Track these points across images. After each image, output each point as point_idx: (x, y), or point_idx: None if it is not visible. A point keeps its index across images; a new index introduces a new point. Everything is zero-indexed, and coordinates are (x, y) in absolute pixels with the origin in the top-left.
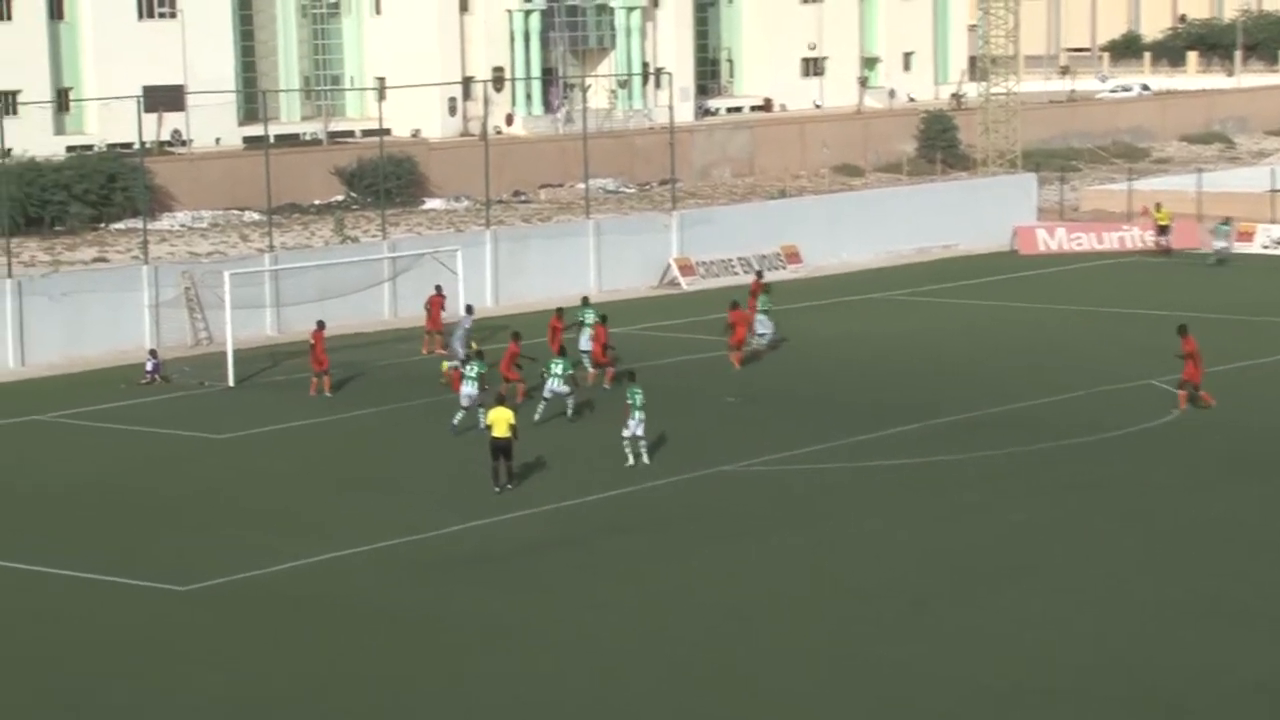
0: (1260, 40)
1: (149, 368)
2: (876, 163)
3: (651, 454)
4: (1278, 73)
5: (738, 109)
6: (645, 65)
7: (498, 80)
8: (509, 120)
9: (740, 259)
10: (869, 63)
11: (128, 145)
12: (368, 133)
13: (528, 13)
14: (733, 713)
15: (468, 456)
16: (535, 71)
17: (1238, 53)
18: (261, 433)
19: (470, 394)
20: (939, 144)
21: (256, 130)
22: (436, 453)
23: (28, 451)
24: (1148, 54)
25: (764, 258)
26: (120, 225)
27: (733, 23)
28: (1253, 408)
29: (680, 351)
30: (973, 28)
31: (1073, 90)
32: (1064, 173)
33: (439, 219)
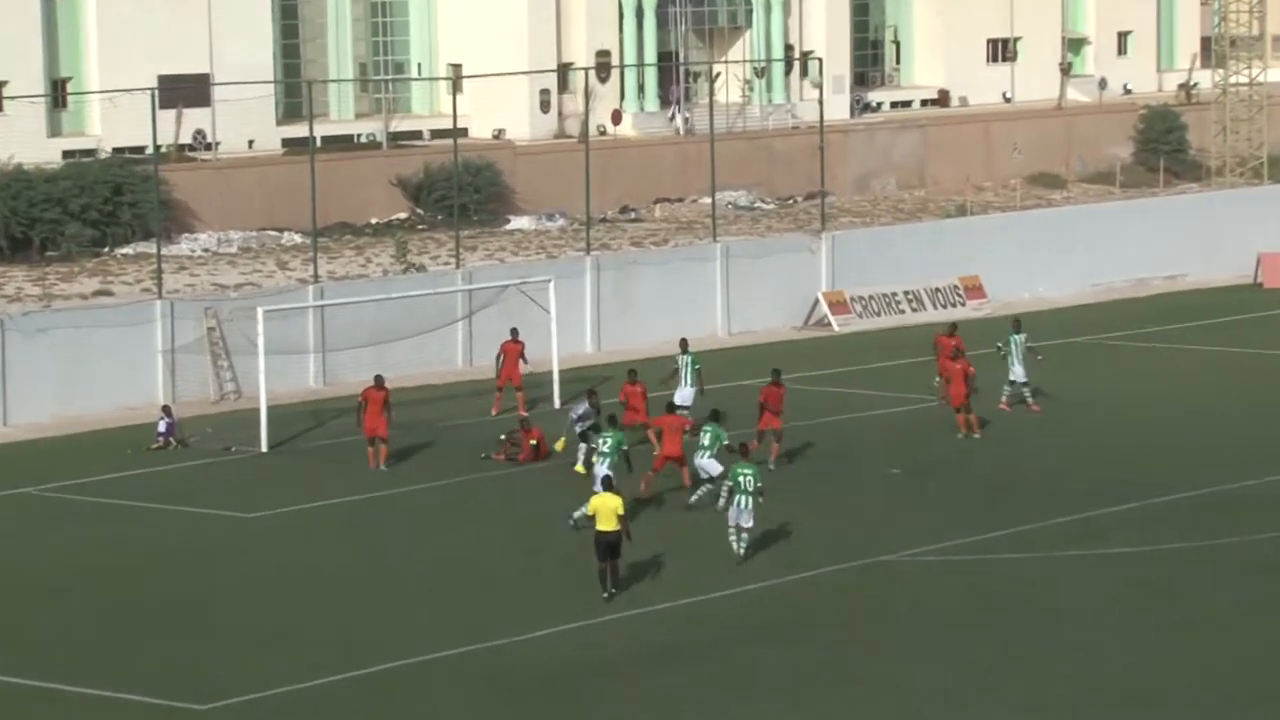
0: None
1: (161, 429)
2: (1082, 171)
3: (793, 538)
4: None
5: (905, 104)
6: (788, 49)
7: (602, 68)
8: (616, 118)
9: (908, 293)
10: (1074, 45)
11: (139, 150)
12: (438, 134)
13: None
14: None
15: (569, 551)
16: (649, 58)
17: None
18: (301, 511)
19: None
20: (1162, 148)
21: (299, 131)
22: (518, 539)
23: (11, 533)
24: None
25: (937, 291)
26: (128, 250)
27: None
28: None
29: (831, 409)
30: (1206, 2)
31: None
32: None
33: (527, 242)
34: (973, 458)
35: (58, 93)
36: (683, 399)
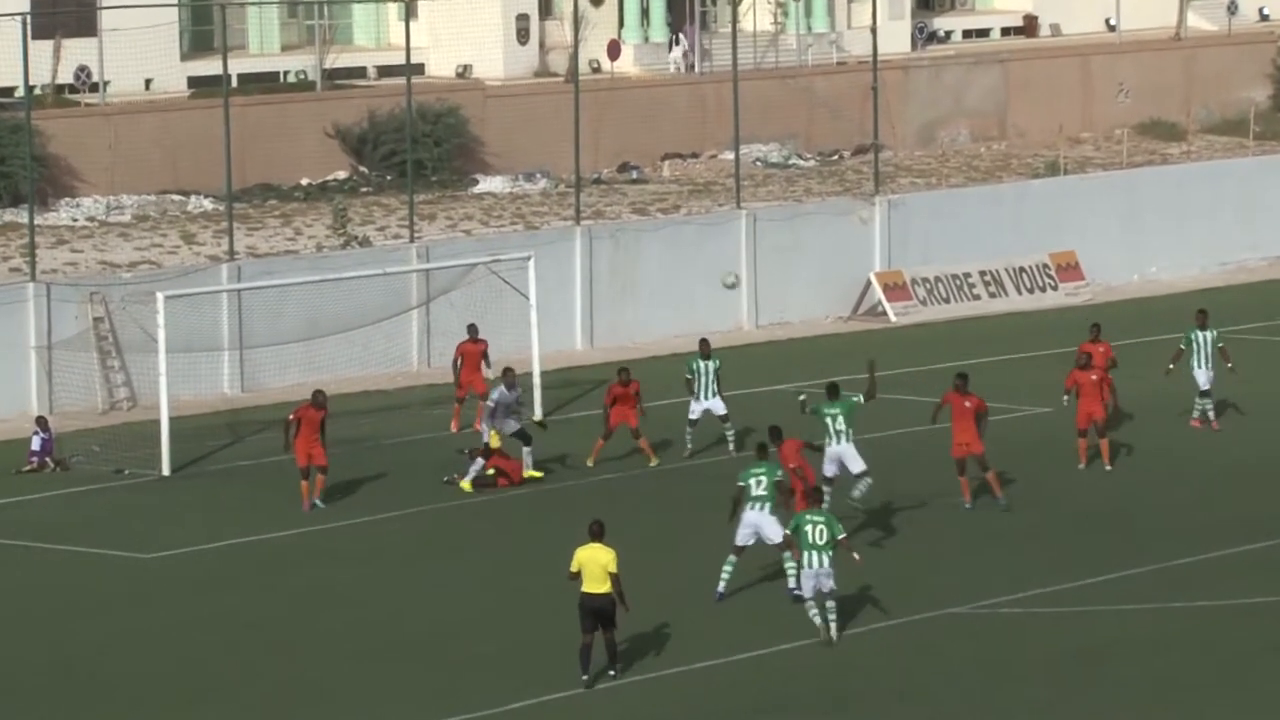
0: None
1: (35, 446)
2: (1207, 120)
3: (837, 584)
4: None
5: (982, 33)
6: None
7: None
8: (613, 51)
9: (984, 274)
10: None
11: (6, 92)
12: (386, 71)
13: None
14: None
15: (553, 600)
16: None
17: None
18: (213, 550)
19: (771, 536)
20: None
21: (211, 68)
22: (490, 583)
23: None
24: None
25: (1021, 271)
26: None
27: None
28: None
29: (886, 424)
30: None
31: None
32: None
33: (500, 208)
34: (1077, 484)
35: None
36: (717, 409)
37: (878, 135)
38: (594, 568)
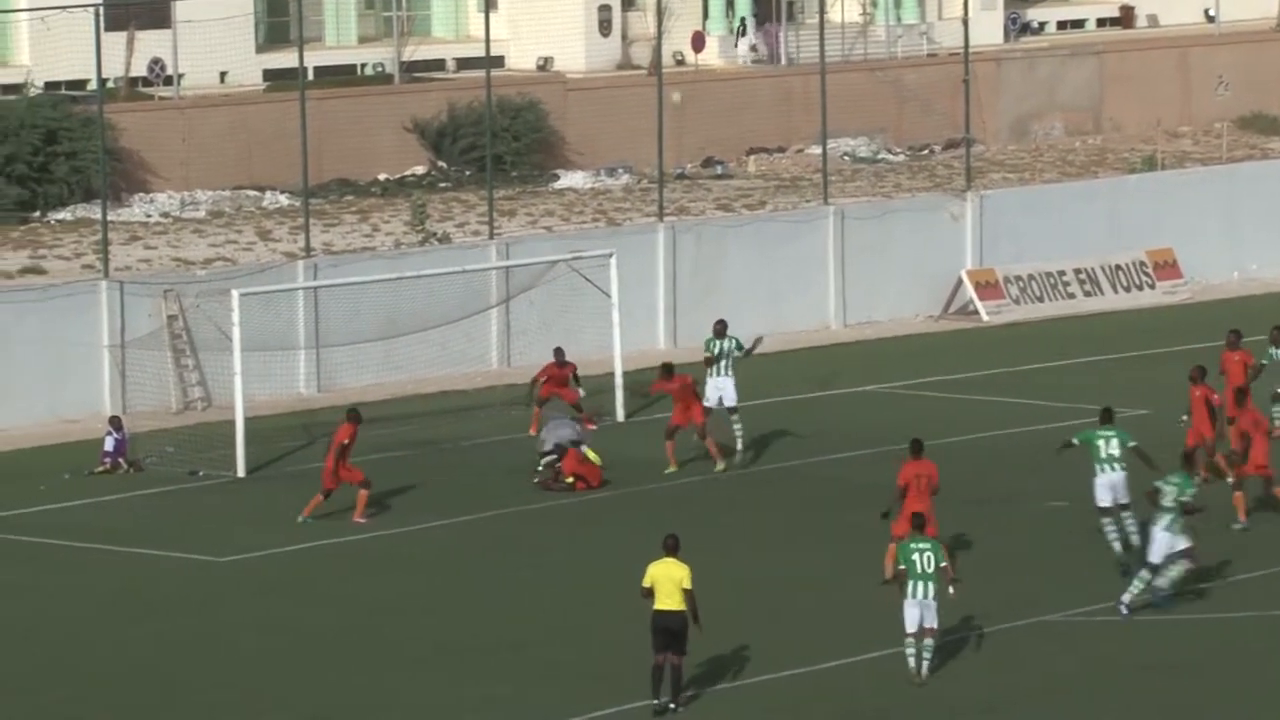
0: None
1: (108, 447)
2: None
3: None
4: None
5: (1077, 24)
6: None
7: None
8: (698, 43)
9: (1079, 272)
10: None
11: (78, 85)
12: (466, 64)
13: None
14: None
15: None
16: None
17: None
18: (287, 553)
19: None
20: None
21: (287, 60)
22: (567, 589)
23: None
24: None
25: (1118, 269)
26: (64, 214)
27: None
28: None
29: (976, 424)
30: None
31: None
32: None
33: (581, 204)
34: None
35: None
36: (729, 398)
37: (969, 129)
38: (667, 584)
